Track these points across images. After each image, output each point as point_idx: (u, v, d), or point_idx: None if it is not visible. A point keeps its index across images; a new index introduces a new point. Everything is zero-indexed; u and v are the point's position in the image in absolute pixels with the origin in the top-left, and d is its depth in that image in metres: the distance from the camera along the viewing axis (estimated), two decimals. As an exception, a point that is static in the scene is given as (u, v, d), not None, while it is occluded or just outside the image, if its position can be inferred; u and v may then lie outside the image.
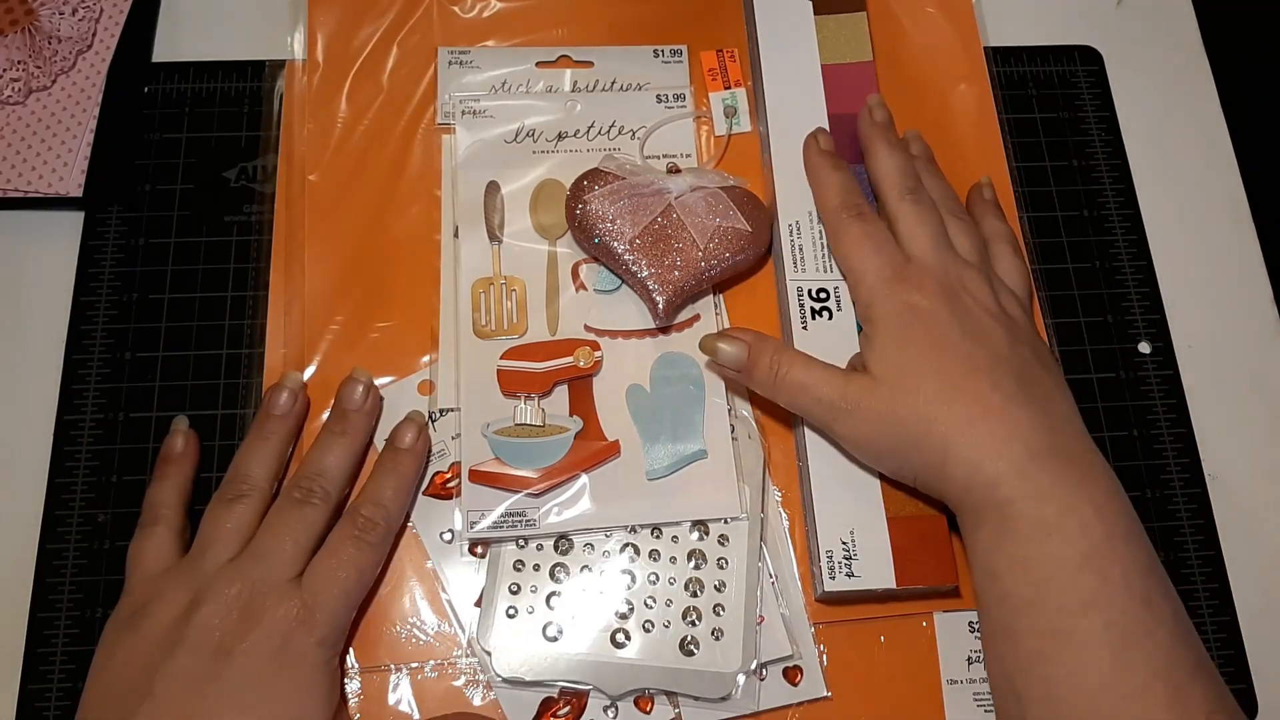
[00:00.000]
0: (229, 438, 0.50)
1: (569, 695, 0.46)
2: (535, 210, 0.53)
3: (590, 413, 0.49)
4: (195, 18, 0.59)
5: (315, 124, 0.54)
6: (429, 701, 0.46)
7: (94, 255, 0.53)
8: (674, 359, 0.51)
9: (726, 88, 0.57)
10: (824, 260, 0.51)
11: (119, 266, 0.53)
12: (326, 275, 0.52)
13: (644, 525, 0.48)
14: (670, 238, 0.50)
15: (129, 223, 0.54)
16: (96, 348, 0.52)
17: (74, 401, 0.51)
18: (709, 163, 0.55)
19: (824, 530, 0.47)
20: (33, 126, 0.55)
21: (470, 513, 0.47)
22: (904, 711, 0.48)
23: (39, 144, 0.54)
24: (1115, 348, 0.55)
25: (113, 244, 0.53)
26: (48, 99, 0.55)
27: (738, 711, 0.46)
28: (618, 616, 0.47)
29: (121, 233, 0.54)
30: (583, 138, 0.55)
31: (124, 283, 0.53)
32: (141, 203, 0.54)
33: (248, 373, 0.51)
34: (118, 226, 0.54)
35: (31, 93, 0.55)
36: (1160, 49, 0.62)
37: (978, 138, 0.57)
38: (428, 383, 0.50)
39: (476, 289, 0.51)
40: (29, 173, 0.54)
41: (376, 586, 0.47)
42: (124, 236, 0.54)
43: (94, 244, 0.53)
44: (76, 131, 0.54)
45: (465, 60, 0.56)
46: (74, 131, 0.54)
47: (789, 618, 0.48)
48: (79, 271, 0.53)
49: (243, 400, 0.51)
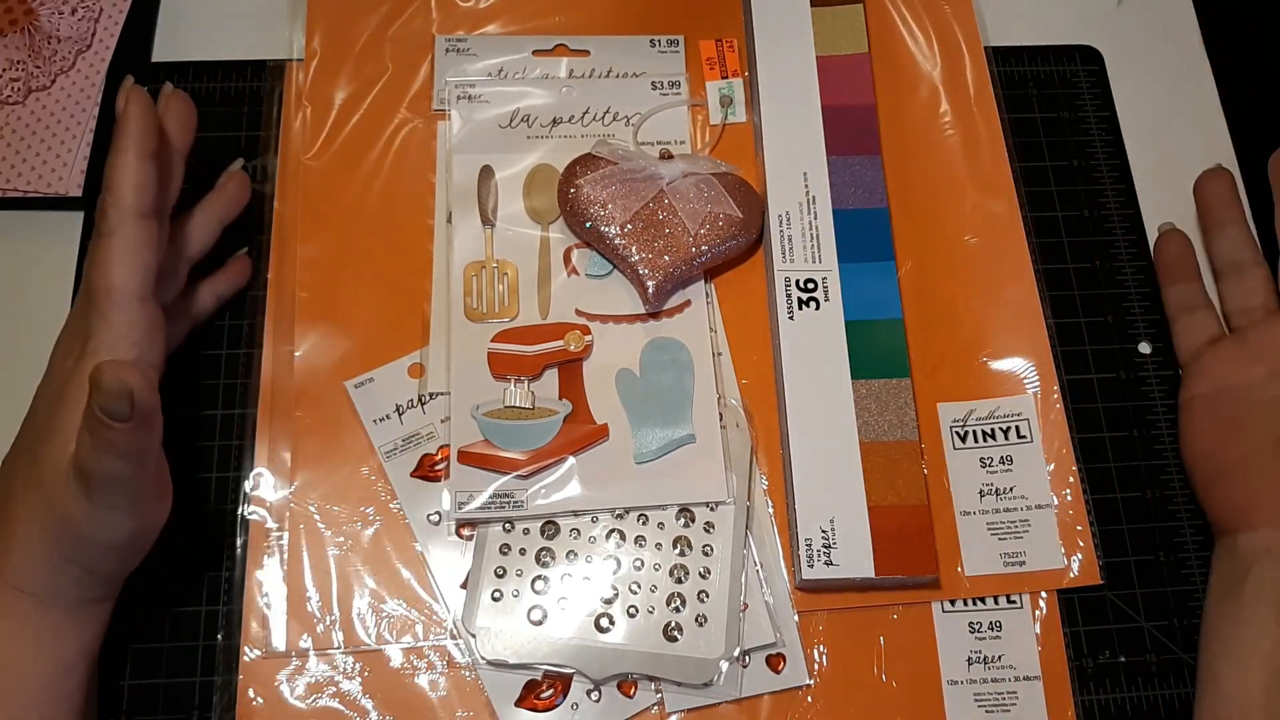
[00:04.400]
0: (228, 438, 0.50)
1: (553, 678, 0.46)
2: (528, 195, 0.53)
3: (580, 396, 0.49)
4: (195, 18, 0.59)
5: (312, 109, 0.55)
6: (413, 683, 0.46)
7: (94, 255, 0.53)
8: (664, 344, 0.51)
9: (724, 77, 0.57)
10: (812, 250, 0.51)
11: (119, 266, 0.53)
12: (319, 257, 0.52)
13: (630, 511, 0.48)
14: (662, 223, 0.50)
15: (129, 222, 0.54)
16: (96, 347, 0.52)
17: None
18: (703, 150, 0.55)
19: (804, 518, 0.47)
20: (32, 126, 0.55)
21: (459, 493, 0.47)
22: (904, 711, 0.47)
23: (38, 144, 0.54)
24: (1115, 348, 0.55)
25: (112, 244, 0.54)
26: (47, 99, 0.56)
27: (720, 698, 0.46)
28: (602, 601, 0.47)
29: (121, 233, 0.54)
30: (577, 123, 0.55)
31: (124, 283, 0.53)
32: (142, 203, 0.55)
33: (246, 372, 0.51)
34: (118, 226, 0.54)
35: (31, 92, 0.56)
36: (1160, 49, 0.62)
37: (976, 134, 0.57)
38: (418, 365, 0.51)
39: (469, 272, 0.52)
40: (29, 173, 0.54)
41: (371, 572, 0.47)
42: (124, 236, 0.54)
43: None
44: (76, 131, 0.55)
45: (462, 48, 0.56)
46: (74, 131, 0.55)
47: (773, 605, 0.47)
48: (79, 271, 0.53)
49: (241, 400, 0.51)
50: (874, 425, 0.48)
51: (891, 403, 0.49)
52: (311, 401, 0.50)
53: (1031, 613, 0.49)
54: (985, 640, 0.48)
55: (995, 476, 0.51)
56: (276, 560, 0.47)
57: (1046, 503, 0.50)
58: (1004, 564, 0.49)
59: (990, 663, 0.48)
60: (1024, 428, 0.51)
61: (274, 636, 0.46)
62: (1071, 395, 0.53)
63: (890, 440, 0.48)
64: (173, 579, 0.47)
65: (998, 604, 0.49)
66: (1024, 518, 0.50)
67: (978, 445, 0.51)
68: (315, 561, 0.47)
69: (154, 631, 0.47)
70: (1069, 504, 0.50)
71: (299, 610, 0.47)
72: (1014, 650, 0.48)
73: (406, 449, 0.49)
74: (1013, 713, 0.47)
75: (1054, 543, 0.50)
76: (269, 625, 0.46)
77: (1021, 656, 0.48)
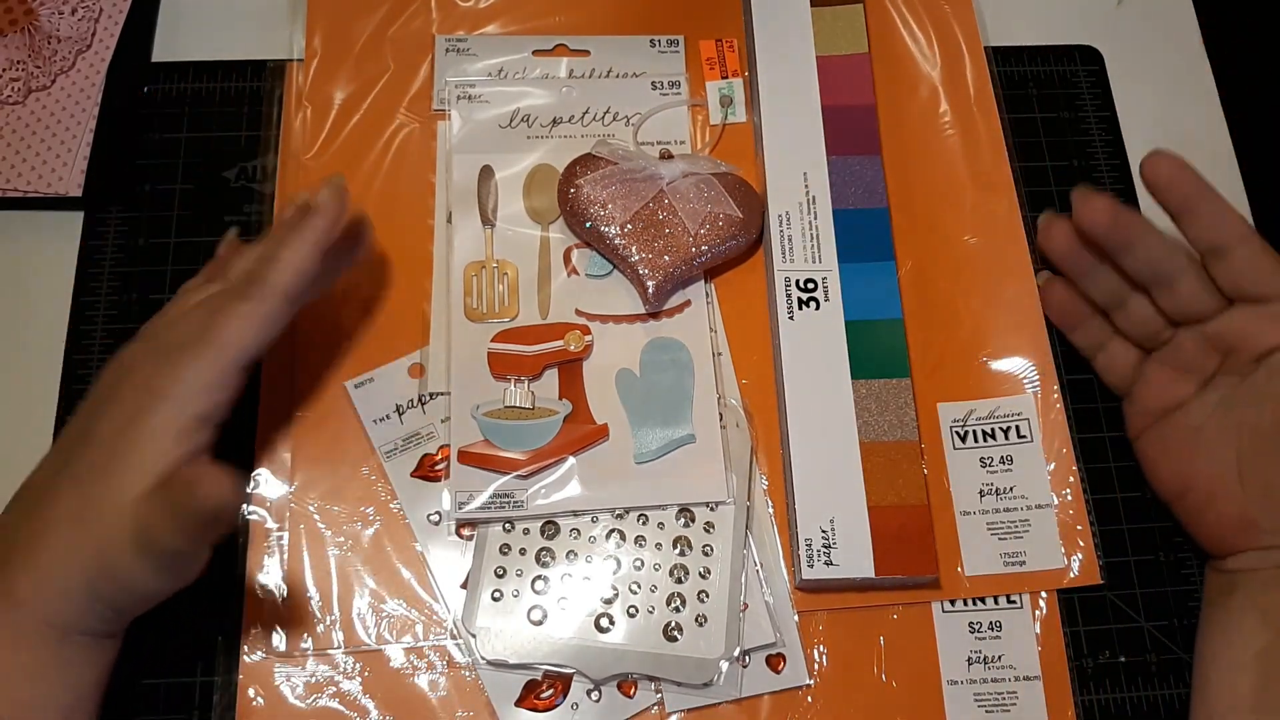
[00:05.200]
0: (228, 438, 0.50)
1: (553, 678, 0.46)
2: (528, 195, 0.53)
3: (580, 396, 0.49)
4: (195, 18, 0.59)
5: (312, 109, 0.55)
6: (413, 683, 0.46)
7: (94, 255, 0.53)
8: (664, 344, 0.51)
9: (724, 77, 0.57)
10: (812, 250, 0.51)
11: (119, 266, 0.53)
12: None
13: (630, 511, 0.48)
14: (662, 223, 0.50)
15: (129, 223, 0.54)
16: (96, 348, 0.51)
17: (74, 402, 0.50)
18: (703, 150, 0.55)
19: (804, 518, 0.47)
20: (32, 126, 0.55)
21: (459, 493, 0.47)
22: (904, 711, 0.47)
23: (39, 144, 0.54)
24: (1115, 348, 0.55)
25: (113, 244, 0.53)
26: (47, 99, 0.55)
27: (720, 698, 0.46)
28: (602, 601, 0.47)
29: (121, 233, 0.54)
30: (577, 123, 0.55)
31: (124, 283, 0.53)
32: (141, 203, 0.54)
33: (246, 372, 0.51)
34: (118, 226, 0.54)
35: (31, 92, 0.55)
36: (1160, 49, 0.62)
37: (976, 134, 0.57)
38: (418, 366, 0.51)
39: (469, 272, 0.52)
40: (29, 173, 0.54)
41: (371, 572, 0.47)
42: (124, 236, 0.54)
43: (94, 244, 0.53)
44: (76, 131, 0.55)
45: (462, 48, 0.56)
46: (74, 131, 0.55)
47: (773, 605, 0.47)
48: (79, 271, 0.53)
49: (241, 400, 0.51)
50: (874, 425, 0.48)
51: (891, 403, 0.49)
52: (311, 401, 0.50)
53: (1031, 613, 0.49)
54: (985, 640, 0.48)
55: (995, 476, 0.51)
56: (276, 560, 0.47)
57: (1046, 502, 0.50)
58: (1004, 564, 0.49)
59: (990, 663, 0.48)
60: (1024, 427, 0.51)
61: (274, 636, 0.46)
62: (1071, 395, 0.53)
63: (890, 440, 0.48)
64: (173, 579, 0.47)
65: (998, 604, 0.49)
66: (1024, 518, 0.50)
67: (978, 445, 0.51)
68: (315, 561, 0.47)
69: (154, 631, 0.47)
70: (1069, 504, 0.50)
71: (299, 610, 0.47)
72: (1014, 650, 0.48)
73: (406, 449, 0.49)
74: (1013, 713, 0.47)
75: (1054, 543, 0.50)
76: (269, 625, 0.46)
77: (1021, 656, 0.48)
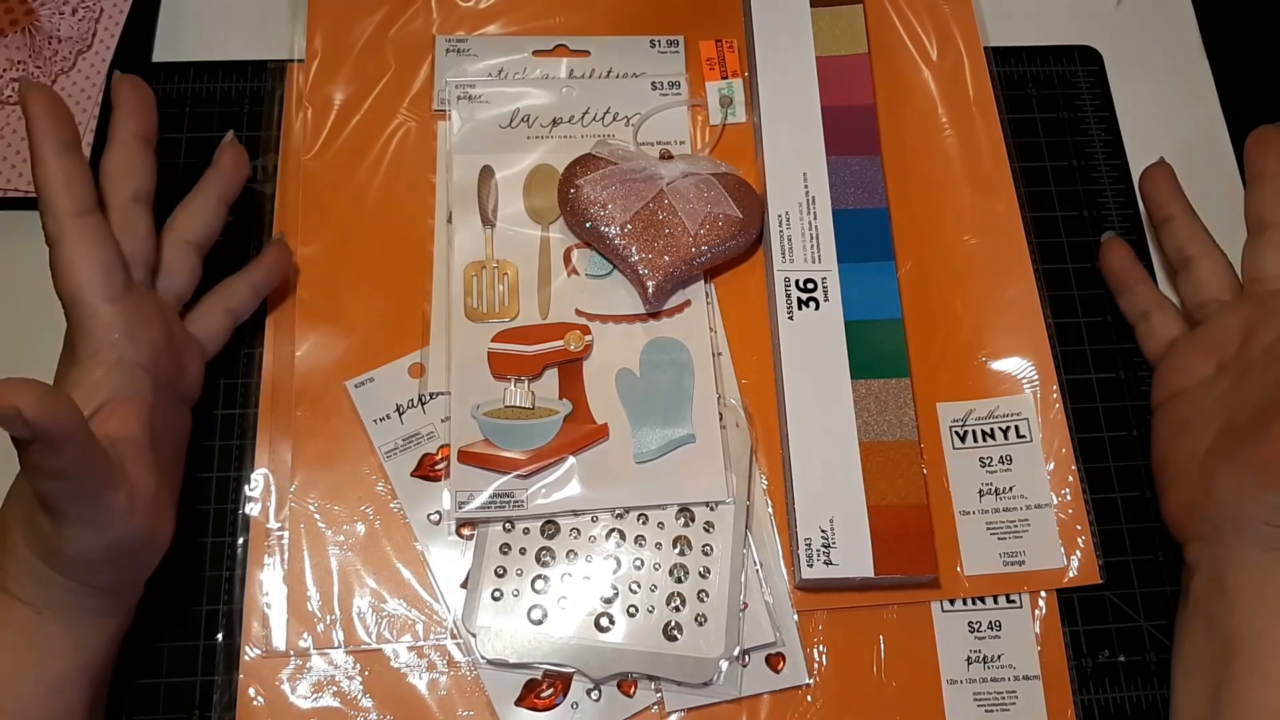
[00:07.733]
0: (228, 438, 0.50)
1: (553, 678, 0.46)
2: (528, 195, 0.54)
3: (579, 396, 0.50)
4: (195, 18, 0.59)
5: (312, 109, 0.55)
6: (413, 682, 0.46)
7: (94, 253, 0.53)
8: (664, 344, 0.51)
9: (724, 78, 0.57)
10: (812, 250, 0.51)
11: (119, 266, 0.53)
12: (319, 257, 0.52)
13: (630, 511, 0.48)
14: (661, 223, 0.50)
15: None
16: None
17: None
18: (703, 150, 0.55)
19: (803, 518, 0.47)
20: (33, 127, 0.55)
21: (459, 493, 0.47)
22: (903, 711, 0.47)
23: (39, 144, 0.55)
24: (1115, 348, 0.55)
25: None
26: (48, 99, 0.56)
27: (720, 697, 0.46)
28: (602, 601, 0.47)
29: (122, 233, 0.54)
30: (577, 123, 0.55)
31: (124, 281, 0.53)
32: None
33: (247, 372, 0.51)
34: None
35: (32, 93, 0.56)
36: (1160, 49, 0.62)
37: (976, 134, 0.57)
38: (418, 365, 0.51)
39: (469, 272, 0.52)
40: (29, 173, 0.53)
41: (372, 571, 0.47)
42: (124, 236, 0.54)
43: (94, 242, 0.54)
44: (76, 132, 0.55)
45: (463, 48, 0.56)
46: (74, 132, 0.55)
47: (773, 605, 0.47)
48: None
49: (242, 400, 0.51)
50: (873, 425, 0.48)
51: (891, 403, 0.49)
52: (312, 401, 0.50)
53: (1031, 612, 0.49)
54: (984, 640, 0.48)
55: (995, 476, 0.51)
56: (277, 560, 0.48)
57: (1046, 502, 0.50)
58: (1003, 563, 0.49)
59: (989, 662, 0.48)
60: (1023, 427, 0.51)
61: (274, 636, 0.46)
62: (1071, 395, 0.53)
63: (890, 440, 0.48)
64: (173, 579, 0.47)
65: (997, 603, 0.49)
66: (1023, 517, 0.50)
67: (977, 445, 0.51)
68: (315, 561, 0.47)
69: (154, 631, 0.47)
70: (1068, 504, 0.50)
71: (299, 609, 0.47)
72: (1013, 650, 0.48)
73: (407, 449, 0.49)
74: (1012, 712, 0.47)
75: (1053, 542, 0.50)
76: (269, 624, 0.46)
77: (1021, 656, 0.48)
